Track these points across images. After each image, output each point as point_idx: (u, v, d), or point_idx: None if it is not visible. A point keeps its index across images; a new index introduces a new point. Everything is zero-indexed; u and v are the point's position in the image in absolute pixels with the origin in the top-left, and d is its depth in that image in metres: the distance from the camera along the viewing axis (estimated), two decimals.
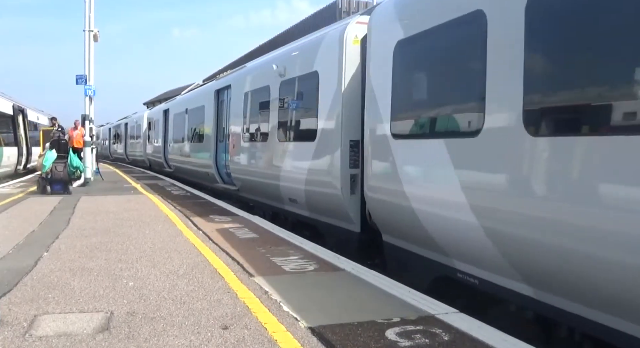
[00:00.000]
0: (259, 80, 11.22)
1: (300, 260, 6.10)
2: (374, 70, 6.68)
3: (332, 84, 7.90)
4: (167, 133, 22.28)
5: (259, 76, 11.38)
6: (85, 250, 6.56)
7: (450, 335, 3.72)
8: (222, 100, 14.38)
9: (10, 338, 3.63)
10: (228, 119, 13.52)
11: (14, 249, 6.63)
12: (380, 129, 6.43)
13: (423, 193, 5.63)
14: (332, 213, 8.11)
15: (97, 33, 15.94)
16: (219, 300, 4.53)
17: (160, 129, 23.52)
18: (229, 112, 13.52)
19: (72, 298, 4.58)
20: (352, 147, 7.56)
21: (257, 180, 11.04)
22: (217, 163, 14.38)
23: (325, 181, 7.97)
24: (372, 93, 6.64)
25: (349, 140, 7.57)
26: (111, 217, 9.38)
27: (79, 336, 3.68)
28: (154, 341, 3.61)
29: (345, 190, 7.58)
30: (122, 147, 37.39)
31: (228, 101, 13.61)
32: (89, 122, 16.25)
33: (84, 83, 15.96)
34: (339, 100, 7.67)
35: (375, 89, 6.60)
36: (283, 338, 3.67)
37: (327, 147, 7.99)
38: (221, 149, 14.13)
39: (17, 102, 23.73)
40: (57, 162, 13.78)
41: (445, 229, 5.26)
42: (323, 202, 8.25)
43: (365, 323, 3.96)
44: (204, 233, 7.89)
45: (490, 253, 4.53)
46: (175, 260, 6.05)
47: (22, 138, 23.91)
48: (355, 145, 7.54)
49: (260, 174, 10.80)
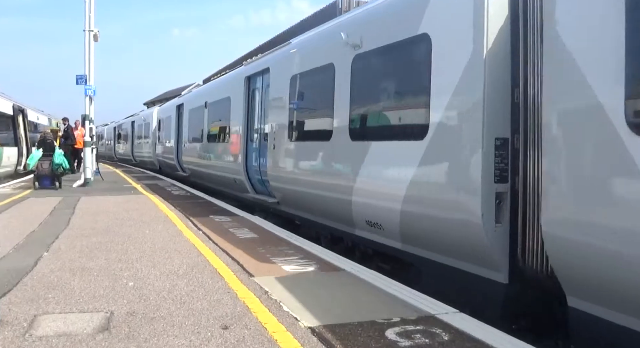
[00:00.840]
0: (316, 58, 8.50)
1: (300, 260, 6.10)
2: (575, 20, 4.02)
3: (460, 52, 5.24)
4: (181, 131, 19.50)
5: (316, 53, 8.68)
6: (85, 250, 6.56)
7: (450, 335, 3.72)
8: (254, 88, 11.74)
9: (10, 338, 3.63)
10: (264, 111, 10.82)
11: (14, 249, 6.63)
12: (591, 114, 3.81)
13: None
14: (455, 249, 5.41)
15: (97, 33, 15.92)
16: (219, 300, 4.53)
17: (173, 127, 20.84)
18: (265, 103, 10.83)
19: (72, 298, 4.58)
20: (499, 148, 4.93)
21: (311, 192, 8.37)
22: (248, 168, 11.69)
23: (449, 201, 5.33)
24: (566, 56, 4.01)
25: (493, 139, 4.93)
26: (111, 217, 9.38)
27: (79, 336, 3.68)
28: (154, 341, 3.61)
29: (488, 217, 4.91)
30: (129, 148, 34.48)
31: (264, 90, 11.00)
32: (89, 122, 16.23)
33: (84, 83, 15.94)
34: (478, 74, 4.98)
35: (575, 50, 3.95)
36: (283, 338, 3.67)
37: (451, 148, 5.36)
38: (253, 150, 11.54)
39: (17, 102, 23.72)
40: (42, 160, 14.78)
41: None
42: (438, 231, 5.58)
43: (365, 323, 3.96)
44: (203, 233, 7.89)
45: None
46: (175, 260, 6.06)
47: (22, 138, 23.90)
48: (503, 146, 4.93)
49: (317, 185, 8.13)
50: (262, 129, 10.93)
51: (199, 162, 16.46)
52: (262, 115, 11.07)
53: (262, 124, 10.98)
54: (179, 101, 20.89)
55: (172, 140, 20.85)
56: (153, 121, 26.04)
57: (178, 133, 20.13)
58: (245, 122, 11.97)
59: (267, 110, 10.56)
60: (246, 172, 11.79)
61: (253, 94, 11.80)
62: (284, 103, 9.54)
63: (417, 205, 5.82)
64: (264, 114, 10.89)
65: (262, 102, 11.07)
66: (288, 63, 9.63)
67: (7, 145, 20.97)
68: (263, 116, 10.97)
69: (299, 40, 9.79)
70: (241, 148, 12.00)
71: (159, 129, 24.59)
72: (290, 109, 9.31)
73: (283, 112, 9.55)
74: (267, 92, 10.68)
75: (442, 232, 5.50)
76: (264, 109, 10.84)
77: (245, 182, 11.79)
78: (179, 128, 20.08)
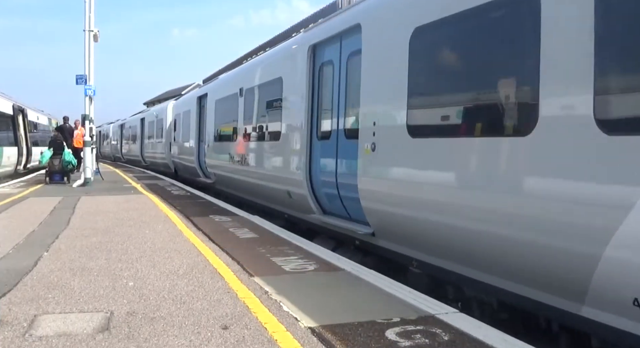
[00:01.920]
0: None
1: (300, 260, 6.10)
2: None
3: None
4: (204, 128, 16.33)
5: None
6: (85, 250, 6.56)
7: (450, 335, 3.72)
8: (326, 61, 8.24)
9: (10, 338, 3.63)
10: (347, 95, 7.46)
11: (14, 249, 6.63)
12: None
13: None
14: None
15: (97, 33, 15.92)
16: (219, 300, 4.53)
17: (193, 123, 17.67)
18: (348, 81, 7.43)
19: (72, 298, 4.58)
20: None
21: (471, 227, 4.91)
22: (313, 177, 8.41)
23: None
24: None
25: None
26: (111, 217, 9.37)
27: (79, 336, 3.68)
28: (154, 341, 3.61)
29: None
30: (137, 148, 30.82)
31: (347, 61, 7.53)
32: (89, 122, 16.24)
33: (84, 83, 15.94)
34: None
35: None
36: (283, 338, 3.67)
37: None
38: (322, 151, 8.17)
39: (17, 102, 23.73)
40: (53, 158, 16.51)
41: None
42: None
43: (365, 323, 3.96)
44: (204, 233, 7.89)
45: None
46: (175, 260, 6.05)
47: (22, 138, 23.91)
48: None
49: (486, 214, 4.72)
50: (343, 122, 7.54)
51: (230, 166, 12.94)
52: (341, 101, 7.63)
53: (343, 114, 7.56)
54: (201, 91, 17.50)
55: (192, 139, 17.67)
56: (167, 117, 22.90)
57: (200, 130, 17.01)
58: (309, 112, 8.50)
59: (355, 92, 7.07)
60: (309, 183, 8.43)
61: (322, 70, 8.34)
62: (396, 78, 6.00)
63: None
64: (346, 99, 7.50)
65: (342, 81, 7.63)
66: (409, 9, 6.06)
67: (7, 145, 20.98)
68: (344, 102, 7.53)
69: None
70: (301, 148, 8.61)
71: (174, 126, 21.39)
72: (413, 89, 5.78)
73: (395, 94, 6.02)
74: (353, 64, 7.26)
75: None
76: (347, 90, 7.47)
77: (307, 197, 8.41)
78: (200, 124, 17.02)
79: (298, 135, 8.87)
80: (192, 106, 18.10)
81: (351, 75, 7.36)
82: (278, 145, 9.75)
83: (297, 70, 9.00)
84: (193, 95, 19.02)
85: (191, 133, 17.99)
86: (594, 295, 3.79)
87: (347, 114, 7.49)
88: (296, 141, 8.92)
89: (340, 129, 7.65)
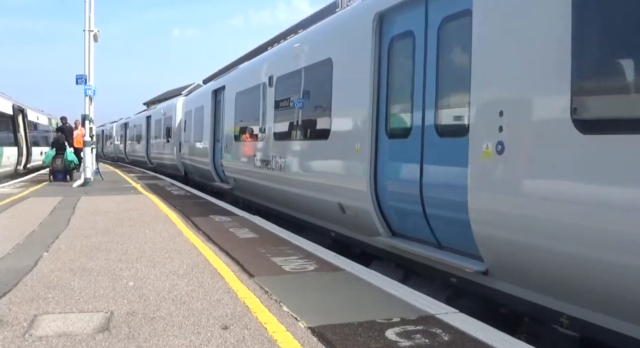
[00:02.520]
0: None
1: (300, 260, 6.10)
2: None
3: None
4: (221, 125, 14.58)
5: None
6: (85, 250, 6.56)
7: (450, 335, 3.72)
8: (398, 35, 6.34)
9: (10, 338, 3.63)
10: (442, 74, 5.58)
11: (14, 249, 6.63)
12: None
13: None
14: None
15: (97, 33, 15.92)
16: (219, 300, 4.53)
17: (208, 120, 15.92)
18: (449, 55, 5.60)
19: (72, 298, 4.58)
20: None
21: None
22: (379, 189, 6.53)
23: None
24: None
25: None
26: (111, 217, 9.37)
27: (79, 336, 3.68)
28: (154, 341, 3.60)
29: None
30: (143, 148, 29.08)
31: (430, 31, 5.75)
32: (89, 122, 16.24)
33: (84, 83, 15.94)
34: None
35: None
36: (283, 338, 3.66)
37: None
38: (393, 154, 6.36)
39: (17, 102, 23.74)
40: (56, 157, 17.36)
41: None
42: None
43: (365, 323, 3.96)
44: (204, 233, 7.89)
45: None
46: (175, 260, 6.05)
47: (22, 138, 23.92)
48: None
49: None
50: (433, 113, 5.62)
51: (256, 170, 11.01)
52: (429, 85, 5.70)
53: (433, 103, 5.60)
54: (218, 84, 15.57)
55: (206, 139, 15.96)
56: (177, 114, 21.30)
57: (215, 128, 15.32)
58: (374, 102, 6.60)
59: (457, 71, 5.36)
60: (374, 196, 6.56)
61: (394, 46, 6.39)
62: (547, 46, 4.15)
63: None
64: (437, 82, 5.58)
65: (430, 58, 5.70)
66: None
67: (7, 145, 20.99)
68: (435, 86, 5.60)
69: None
70: (363, 149, 6.73)
71: (185, 124, 19.69)
72: (583, 60, 3.91)
73: (546, 69, 4.16)
74: (452, 32, 5.48)
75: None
76: (439, 70, 5.57)
77: (371, 212, 6.57)
78: (216, 121, 15.28)
79: (356, 133, 6.94)
80: (206, 101, 16.25)
81: (447, 49, 5.54)
82: (326, 145, 7.79)
83: (355, 48, 7.13)
84: (207, 89, 17.05)
85: (205, 131, 16.19)
86: None
87: (441, 103, 5.56)
88: (353, 140, 6.96)
89: (427, 123, 5.71)
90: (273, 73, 10.37)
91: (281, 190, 9.68)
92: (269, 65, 10.99)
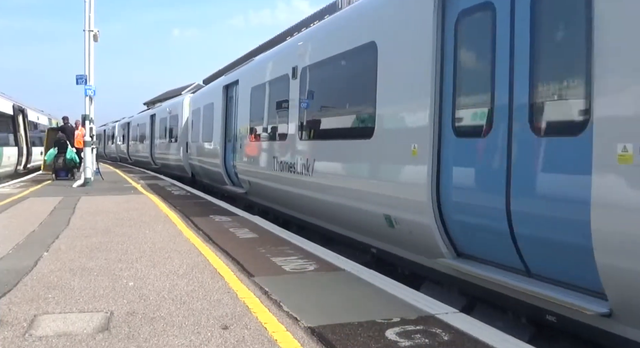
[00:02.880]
0: None
1: (300, 260, 6.10)
2: None
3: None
4: (233, 124, 13.48)
5: None
6: (85, 250, 6.56)
7: (450, 335, 3.72)
8: (469, 9, 5.18)
9: (10, 338, 3.63)
10: (537, 57, 4.35)
11: (14, 249, 6.63)
12: None
13: None
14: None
15: (97, 33, 15.93)
16: (219, 300, 4.53)
17: (218, 118, 14.68)
18: (548, 33, 4.35)
19: (72, 298, 4.58)
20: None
21: None
22: (442, 200, 5.42)
23: None
24: None
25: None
26: (111, 217, 9.37)
27: (79, 336, 3.68)
28: (154, 341, 3.60)
29: None
30: (147, 149, 27.84)
31: (517, 3, 4.54)
32: (89, 122, 16.24)
33: (84, 83, 15.95)
34: None
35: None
36: (283, 338, 3.66)
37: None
38: (463, 157, 5.21)
39: (17, 102, 23.75)
40: (58, 157, 17.98)
41: None
42: None
43: (365, 323, 3.96)
44: (204, 233, 7.89)
45: None
46: (175, 260, 6.05)
47: (22, 138, 23.94)
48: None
49: None
50: (527, 105, 4.44)
51: (277, 174, 9.76)
52: (519, 71, 4.53)
53: (527, 93, 4.44)
54: (230, 78, 14.28)
55: (217, 138, 14.76)
56: (183, 112, 20.19)
57: (227, 127, 14.16)
58: (436, 93, 5.44)
59: (567, 51, 4.27)
60: (436, 207, 5.43)
61: (463, 24, 5.27)
62: None
63: None
64: (532, 67, 4.42)
65: (519, 37, 4.52)
66: None
67: (7, 145, 21.00)
68: (528, 71, 4.44)
69: None
70: (421, 151, 5.58)
71: (192, 123, 18.65)
72: None
73: None
74: (552, 4, 4.34)
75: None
76: (533, 51, 4.40)
77: (433, 228, 5.42)
78: (227, 119, 14.13)
79: (411, 130, 5.83)
80: (216, 98, 15.00)
81: (548, 21, 4.33)
82: (368, 145, 6.62)
83: (409, 27, 5.97)
84: (217, 84, 15.91)
85: (215, 130, 14.87)
86: None
87: (539, 91, 4.37)
88: (407, 139, 5.81)
89: (516, 118, 4.52)
90: (297, 63, 9.06)
91: (308, 197, 8.44)
92: (292, 55, 9.49)
